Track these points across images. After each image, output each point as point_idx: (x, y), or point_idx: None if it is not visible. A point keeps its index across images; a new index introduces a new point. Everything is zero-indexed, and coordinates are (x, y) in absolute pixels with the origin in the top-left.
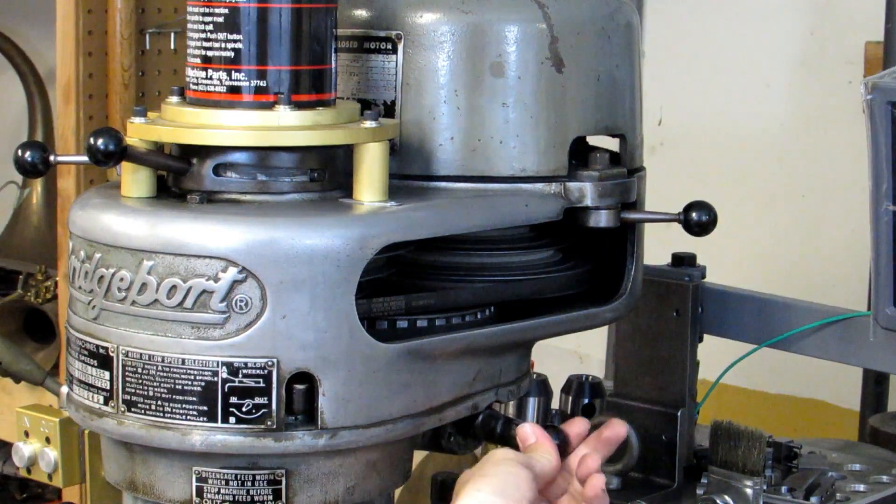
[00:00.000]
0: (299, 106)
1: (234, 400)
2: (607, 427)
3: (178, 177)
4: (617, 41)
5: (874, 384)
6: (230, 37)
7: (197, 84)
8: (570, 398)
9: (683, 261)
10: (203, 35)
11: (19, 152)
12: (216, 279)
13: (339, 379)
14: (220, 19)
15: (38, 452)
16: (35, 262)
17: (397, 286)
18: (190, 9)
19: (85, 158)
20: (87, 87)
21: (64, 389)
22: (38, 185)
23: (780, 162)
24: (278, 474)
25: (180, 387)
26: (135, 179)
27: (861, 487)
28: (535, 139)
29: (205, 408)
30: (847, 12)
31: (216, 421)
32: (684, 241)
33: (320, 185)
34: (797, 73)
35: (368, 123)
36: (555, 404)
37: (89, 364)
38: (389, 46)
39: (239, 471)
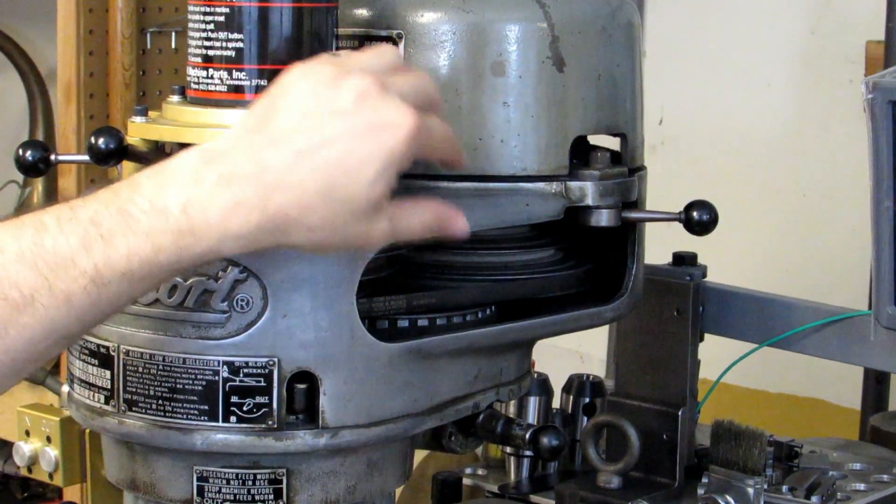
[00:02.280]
0: None
1: (235, 399)
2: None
3: None
4: (618, 40)
5: (875, 383)
6: (231, 36)
7: (198, 83)
8: (571, 397)
9: (684, 260)
10: (204, 34)
11: (20, 151)
12: (217, 278)
13: (340, 378)
14: (221, 18)
15: (39, 451)
16: None
17: (398, 286)
18: (191, 8)
19: (86, 157)
20: (88, 87)
21: (65, 388)
22: (39, 185)
23: (781, 161)
24: (279, 473)
25: (181, 386)
26: None
27: (862, 486)
28: (536, 138)
29: (206, 407)
30: (848, 11)
31: (217, 420)
32: (685, 241)
33: None
34: (798, 72)
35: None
36: (556, 403)
37: (90, 363)
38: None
39: (240, 470)
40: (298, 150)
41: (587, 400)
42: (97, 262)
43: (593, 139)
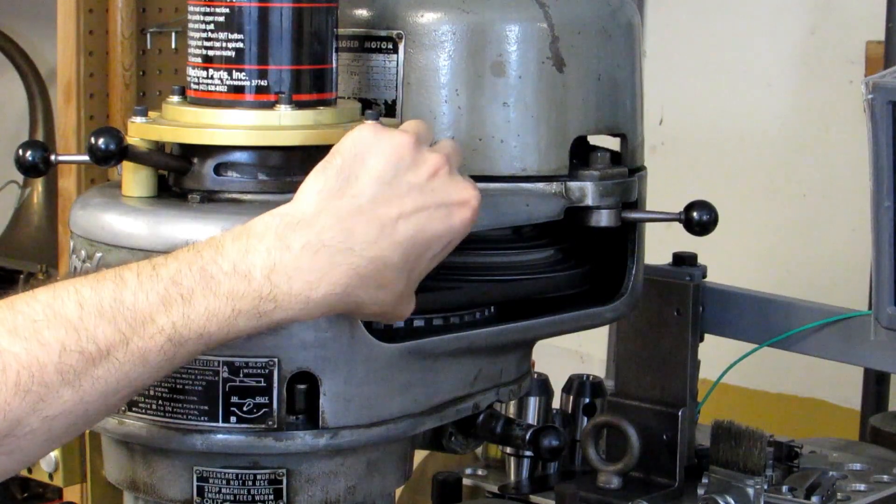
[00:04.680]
0: (300, 105)
1: (235, 399)
2: None
3: (179, 176)
4: (618, 41)
5: (875, 384)
6: (231, 36)
7: (198, 83)
8: (571, 398)
9: (684, 260)
10: (204, 34)
11: (20, 152)
12: None
13: (340, 378)
14: (221, 19)
15: None
16: (36, 261)
17: None
18: (191, 8)
19: (86, 158)
20: (88, 87)
21: None
22: (39, 185)
23: (781, 161)
24: (279, 474)
25: (181, 386)
26: (136, 179)
27: (862, 487)
28: (536, 139)
29: (206, 407)
30: (848, 11)
31: (217, 420)
32: (685, 241)
33: None
34: (798, 72)
35: (369, 123)
36: (556, 404)
37: None
38: (390, 46)
39: (240, 470)
40: (382, 222)
41: (587, 400)
42: (175, 320)
43: (593, 139)
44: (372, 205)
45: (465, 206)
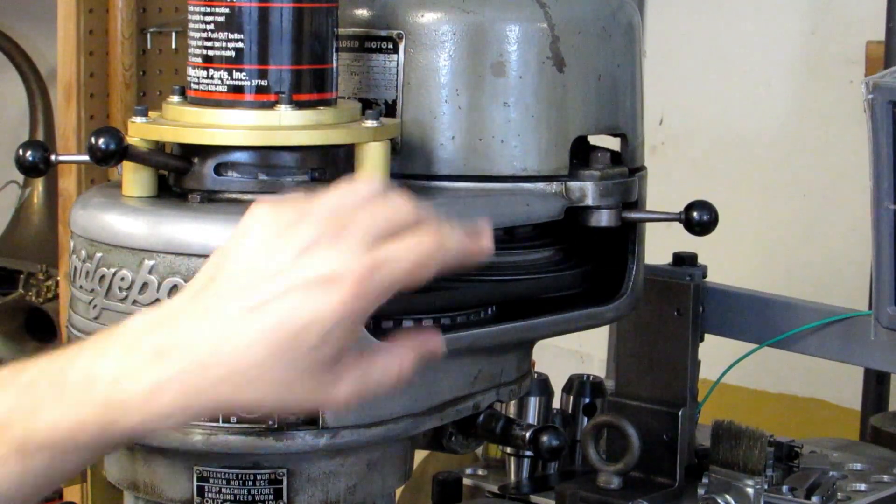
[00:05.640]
0: (300, 105)
1: None
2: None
3: (180, 176)
4: (618, 41)
5: (875, 384)
6: (231, 36)
7: (198, 83)
8: (571, 398)
9: (684, 260)
10: (204, 34)
11: (20, 152)
12: None
13: None
14: (222, 19)
15: None
16: (36, 261)
17: None
18: (191, 8)
19: (86, 158)
20: (88, 87)
21: None
22: (39, 185)
23: (782, 161)
24: (279, 474)
25: None
26: (136, 179)
27: (862, 487)
28: (537, 139)
29: None
30: (848, 12)
31: (217, 420)
32: (685, 241)
33: (321, 185)
34: (798, 72)
35: (369, 123)
36: (556, 404)
37: None
38: (391, 46)
39: (240, 470)
40: (239, 315)
41: (587, 400)
42: (22, 431)
43: (593, 139)
44: (230, 298)
45: (343, 281)
